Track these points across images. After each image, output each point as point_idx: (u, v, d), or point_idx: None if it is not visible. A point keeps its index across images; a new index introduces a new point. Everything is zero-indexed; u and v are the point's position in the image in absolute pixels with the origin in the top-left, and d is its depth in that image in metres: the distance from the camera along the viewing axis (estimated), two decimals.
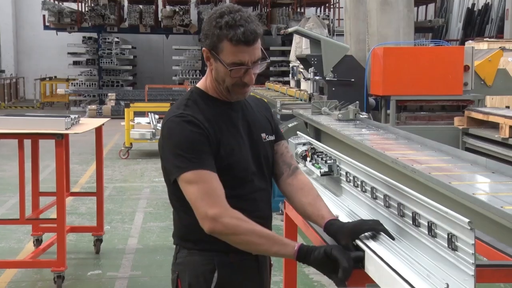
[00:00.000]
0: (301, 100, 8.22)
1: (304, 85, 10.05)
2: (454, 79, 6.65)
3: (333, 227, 2.07)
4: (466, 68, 6.68)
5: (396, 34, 8.54)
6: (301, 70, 10.01)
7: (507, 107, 8.25)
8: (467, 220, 1.60)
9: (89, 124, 5.27)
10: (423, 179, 3.32)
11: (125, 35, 22.76)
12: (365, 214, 2.31)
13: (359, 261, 1.94)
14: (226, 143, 2.12)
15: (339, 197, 2.66)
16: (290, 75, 13.64)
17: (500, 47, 8.29)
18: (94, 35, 21.31)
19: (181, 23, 20.78)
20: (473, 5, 20.72)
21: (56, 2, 21.73)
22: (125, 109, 11.23)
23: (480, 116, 5.99)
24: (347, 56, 7.55)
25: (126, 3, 22.08)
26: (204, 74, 2.28)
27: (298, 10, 22.58)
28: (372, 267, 1.89)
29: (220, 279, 2.12)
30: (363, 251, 1.95)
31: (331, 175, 2.71)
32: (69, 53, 21.81)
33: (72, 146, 6.21)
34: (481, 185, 3.15)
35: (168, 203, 2.34)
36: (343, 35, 11.56)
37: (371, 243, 1.97)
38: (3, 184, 8.61)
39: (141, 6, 21.48)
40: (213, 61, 2.10)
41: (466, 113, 6.23)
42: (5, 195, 7.92)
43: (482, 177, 3.28)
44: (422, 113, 6.76)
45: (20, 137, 4.86)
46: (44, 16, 21.18)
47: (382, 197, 2.15)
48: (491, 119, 5.77)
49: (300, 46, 12.85)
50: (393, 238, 1.99)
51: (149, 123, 11.26)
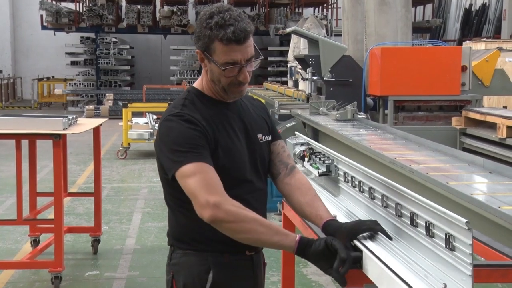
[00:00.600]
0: (299, 100, 8.21)
1: (302, 85, 10.06)
2: (452, 79, 6.65)
3: (331, 227, 2.06)
4: (464, 69, 6.68)
5: (394, 34, 8.56)
6: (299, 70, 10.02)
7: (505, 107, 8.27)
8: (464, 220, 1.60)
9: (86, 124, 5.26)
10: (420, 179, 3.31)
11: (123, 35, 22.77)
12: (363, 214, 2.31)
13: (357, 261, 1.93)
14: (223, 143, 2.11)
15: (337, 197, 2.66)
16: (288, 75, 13.68)
17: (497, 48, 8.30)
18: (92, 35, 21.30)
19: (179, 23, 20.77)
20: (470, 5, 20.77)
21: (54, 2, 21.71)
22: (123, 109, 11.22)
23: (477, 116, 6.00)
24: (345, 56, 7.54)
25: (124, 3, 22.05)
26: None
27: (296, 10, 22.61)
28: (370, 267, 1.89)
29: (215, 279, 2.12)
30: (361, 251, 1.95)
31: (329, 175, 2.71)
32: (67, 53, 21.81)
33: (70, 146, 6.21)
34: (479, 185, 3.16)
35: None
36: (341, 35, 11.58)
37: (369, 243, 1.97)
38: (0, 184, 8.60)
39: (139, 6, 21.48)
40: (207, 62, 2.10)
41: (463, 113, 6.23)
42: (2, 195, 7.90)
43: (479, 177, 3.28)
44: (419, 113, 6.76)
45: (18, 137, 4.85)
46: (42, 16, 21.15)
47: (380, 197, 2.15)
48: (489, 119, 5.78)
49: (298, 46, 12.86)
50: (391, 238, 1.99)
51: (147, 123, 11.25)
